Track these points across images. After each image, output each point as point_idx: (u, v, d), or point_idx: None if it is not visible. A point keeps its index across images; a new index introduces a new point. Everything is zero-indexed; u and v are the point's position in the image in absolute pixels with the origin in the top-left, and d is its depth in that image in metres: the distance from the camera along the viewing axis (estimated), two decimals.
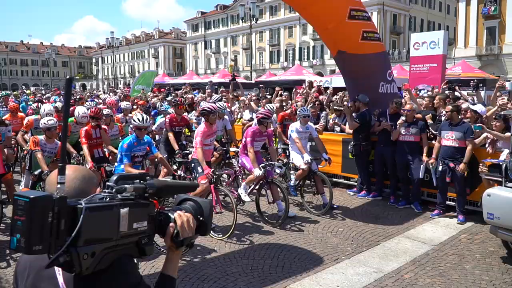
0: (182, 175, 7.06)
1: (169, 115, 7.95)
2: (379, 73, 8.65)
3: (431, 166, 6.86)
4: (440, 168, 6.60)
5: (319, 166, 7.25)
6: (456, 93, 9.88)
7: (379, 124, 7.62)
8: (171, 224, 1.27)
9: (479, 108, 6.82)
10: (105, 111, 8.16)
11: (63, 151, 1.11)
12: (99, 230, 1.04)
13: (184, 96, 13.35)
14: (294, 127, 7.31)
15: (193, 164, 6.19)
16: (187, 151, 7.12)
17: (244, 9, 35.90)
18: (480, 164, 6.15)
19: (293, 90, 14.90)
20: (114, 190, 1.13)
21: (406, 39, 51.25)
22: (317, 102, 9.84)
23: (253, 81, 27.65)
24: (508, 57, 38.78)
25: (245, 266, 4.87)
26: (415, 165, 7.09)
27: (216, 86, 18.67)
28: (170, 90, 18.67)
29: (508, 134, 6.25)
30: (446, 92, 9.00)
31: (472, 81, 9.57)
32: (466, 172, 6.40)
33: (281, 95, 12.59)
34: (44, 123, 6.28)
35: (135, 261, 1.35)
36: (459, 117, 6.63)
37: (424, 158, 6.90)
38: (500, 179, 5.19)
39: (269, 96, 12.66)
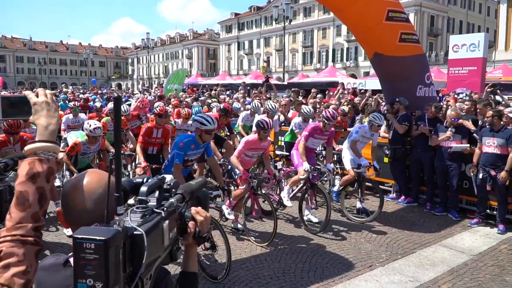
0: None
1: (214, 117, 7.90)
2: (417, 76, 8.44)
3: (471, 174, 6.63)
4: (480, 176, 6.35)
5: (365, 173, 6.91)
6: (498, 97, 9.51)
7: (417, 128, 7.42)
8: (191, 222, 1.24)
9: None
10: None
11: (118, 177, 1.00)
12: (153, 250, 1.00)
13: (220, 98, 13.49)
14: (362, 129, 7.02)
15: (229, 166, 6.05)
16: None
17: (278, 10, 35.92)
18: None
19: (326, 92, 14.78)
20: (164, 208, 1.08)
21: (444, 41, 49.80)
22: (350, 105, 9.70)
23: (285, 83, 27.60)
24: None
25: (277, 269, 4.86)
26: (454, 171, 6.86)
27: (248, 87, 18.76)
28: (203, 90, 18.91)
29: None
30: (490, 95, 8.65)
31: None
32: (508, 180, 6.14)
33: (315, 97, 12.51)
34: (90, 131, 6.13)
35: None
36: (501, 123, 6.37)
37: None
38: None
39: (300, 98, 12.57)
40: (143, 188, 1.12)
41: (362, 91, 15.42)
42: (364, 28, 8.22)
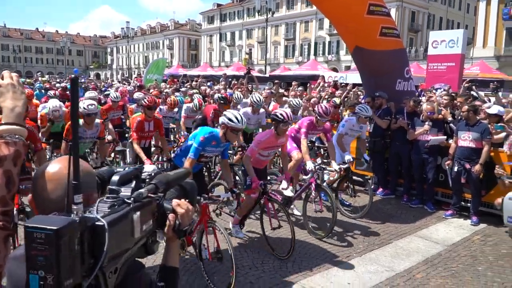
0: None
1: (213, 107, 7.62)
2: (397, 70, 8.55)
3: (447, 167, 6.78)
4: (455, 169, 6.51)
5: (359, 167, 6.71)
6: (473, 93, 9.73)
7: (396, 122, 7.54)
8: (171, 215, 1.20)
9: (495, 109, 6.70)
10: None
11: (75, 164, 0.93)
12: (119, 243, 0.95)
13: (201, 89, 13.39)
14: (348, 122, 6.84)
15: (243, 169, 5.30)
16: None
17: (261, 2, 35.70)
18: (497, 166, 6.02)
19: (308, 85, 14.83)
20: (131, 198, 1.02)
21: (424, 37, 50.53)
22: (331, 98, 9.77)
23: (267, 75, 27.58)
24: None
25: (256, 260, 4.88)
26: (431, 164, 7.00)
27: (230, 79, 18.65)
28: (184, 81, 18.72)
29: None
30: (466, 90, 8.84)
31: (492, 83, 9.41)
32: (482, 173, 6.31)
33: (295, 89, 12.55)
34: (84, 108, 5.66)
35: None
36: (477, 117, 6.53)
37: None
38: None
39: (281, 90, 12.60)
40: (115, 178, 1.07)
41: (343, 84, 15.53)
42: (346, 21, 8.27)
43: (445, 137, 6.98)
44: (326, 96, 10.90)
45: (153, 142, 7.20)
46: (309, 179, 5.74)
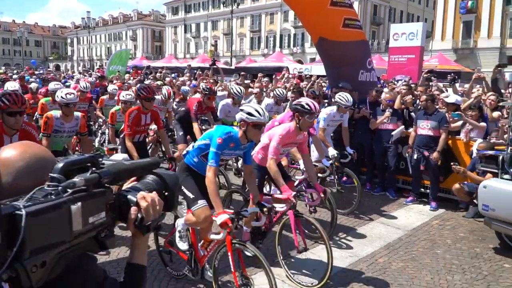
0: None
1: (197, 100, 7.01)
2: (359, 61, 8.70)
3: (407, 155, 6.99)
4: (415, 157, 6.73)
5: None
6: (432, 84, 10.07)
7: (359, 111, 7.68)
8: (134, 208, 1.14)
9: (453, 98, 6.96)
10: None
11: None
12: (47, 235, 0.88)
13: (165, 80, 13.13)
14: (329, 115, 6.37)
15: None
16: None
17: None
18: (452, 164, 6.21)
19: (273, 76, 14.87)
20: (60, 187, 0.94)
21: (385, 30, 51.70)
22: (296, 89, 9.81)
23: (233, 67, 27.42)
24: (483, 51, 39.74)
25: None
26: (392, 153, 7.20)
27: (195, 71, 18.41)
28: (147, 72, 18.33)
29: (483, 124, 6.44)
30: (425, 81, 9.13)
31: (449, 75, 9.76)
32: (440, 160, 6.55)
33: (260, 81, 12.56)
34: (62, 97, 4.99)
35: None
36: (435, 106, 6.76)
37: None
38: (496, 171, 5.23)
39: (247, 81, 12.58)
40: (58, 165, 1.00)
41: (308, 76, 15.68)
42: (309, 12, 8.32)
43: (403, 126, 7.13)
44: (291, 87, 10.96)
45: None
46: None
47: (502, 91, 8.24)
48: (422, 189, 7.02)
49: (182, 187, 3.67)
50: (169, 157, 5.60)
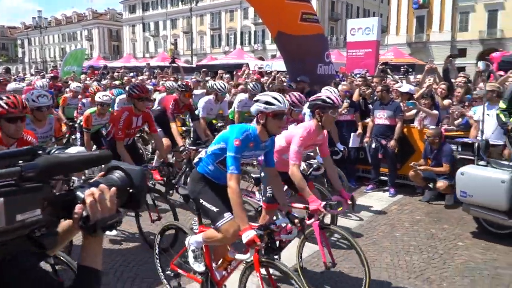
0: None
1: (173, 98, 6.55)
2: (317, 54, 8.88)
3: (365, 144, 7.19)
4: (373, 145, 6.94)
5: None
6: (389, 76, 10.41)
7: None
8: (78, 206, 1.05)
9: (407, 88, 7.24)
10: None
11: None
12: None
13: (124, 80, 12.83)
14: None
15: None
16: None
17: None
18: (411, 165, 6.48)
19: (234, 73, 14.87)
20: None
21: (343, 25, 52.82)
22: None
23: (194, 65, 27.18)
24: (435, 45, 41.51)
25: None
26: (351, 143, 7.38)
27: (154, 70, 18.09)
28: (104, 72, 17.84)
29: (435, 111, 6.74)
30: (381, 72, 9.43)
31: (402, 67, 10.13)
32: (397, 148, 6.79)
33: (221, 77, 12.54)
34: (34, 101, 4.48)
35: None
36: (390, 96, 7.01)
37: (359, 131, 7.20)
38: (472, 157, 5.39)
39: (207, 78, 12.52)
40: None
41: (268, 72, 15.79)
42: (268, 7, 8.40)
43: (359, 132, 7.19)
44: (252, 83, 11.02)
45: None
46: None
47: (453, 80, 8.62)
48: (381, 177, 7.25)
49: (200, 200, 3.24)
50: (165, 163, 5.15)
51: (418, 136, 6.90)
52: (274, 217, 3.99)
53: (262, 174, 3.92)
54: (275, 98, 3.11)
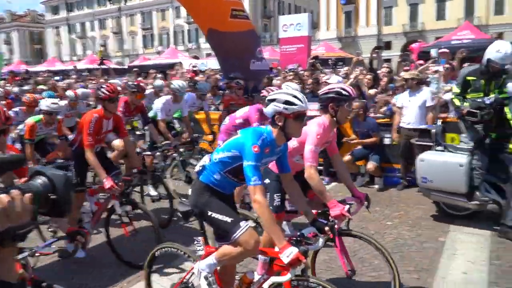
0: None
1: (123, 100, 6.11)
2: (250, 50, 8.97)
3: None
4: None
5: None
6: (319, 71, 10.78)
7: (253, 100, 7.90)
8: None
9: (335, 79, 7.54)
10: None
11: None
12: None
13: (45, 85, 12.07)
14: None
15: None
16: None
17: None
18: (344, 140, 6.79)
19: (167, 72, 14.61)
20: None
21: (276, 22, 53.77)
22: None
23: (126, 66, 26.28)
24: (363, 39, 43.62)
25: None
26: None
27: (82, 73, 17.26)
28: (26, 77, 16.72)
29: (363, 101, 7.10)
30: (311, 66, 9.74)
31: (330, 60, 10.54)
32: None
33: (154, 77, 12.24)
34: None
35: None
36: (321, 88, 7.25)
37: None
38: (430, 144, 5.55)
39: (140, 78, 12.18)
40: None
41: (204, 70, 15.68)
42: (197, 5, 8.33)
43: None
44: (187, 82, 10.88)
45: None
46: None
47: (379, 72, 9.11)
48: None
49: (209, 213, 2.77)
50: (138, 170, 4.68)
51: (348, 124, 7.15)
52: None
53: (267, 181, 3.50)
54: (296, 97, 2.71)
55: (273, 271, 2.70)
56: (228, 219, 2.71)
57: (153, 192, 5.89)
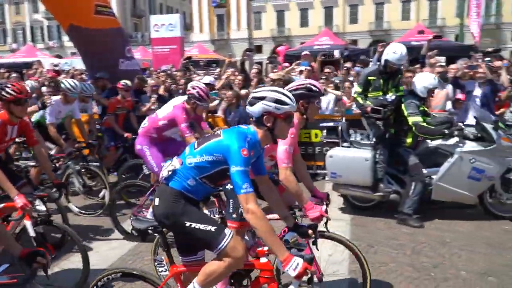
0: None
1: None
2: (117, 49, 8.54)
3: None
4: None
5: None
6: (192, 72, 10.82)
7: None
8: None
9: (207, 79, 7.66)
10: None
11: None
12: None
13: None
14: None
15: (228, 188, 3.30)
16: None
17: None
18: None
19: (24, 72, 13.14)
20: None
21: (148, 22, 52.27)
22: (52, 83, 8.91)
23: None
24: (235, 42, 45.25)
25: None
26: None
27: None
28: None
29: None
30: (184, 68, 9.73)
31: (201, 61, 10.69)
32: None
33: (8, 77, 10.87)
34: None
35: None
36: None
37: None
38: (337, 140, 5.71)
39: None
40: None
41: (68, 70, 14.48)
42: None
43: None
44: (47, 82, 9.90)
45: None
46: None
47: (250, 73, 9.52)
48: None
49: (187, 224, 2.43)
50: (55, 184, 4.14)
51: (223, 125, 7.35)
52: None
53: (229, 186, 3.12)
54: (287, 96, 2.51)
55: (259, 284, 2.53)
56: (212, 228, 2.42)
57: (40, 207, 5.14)
